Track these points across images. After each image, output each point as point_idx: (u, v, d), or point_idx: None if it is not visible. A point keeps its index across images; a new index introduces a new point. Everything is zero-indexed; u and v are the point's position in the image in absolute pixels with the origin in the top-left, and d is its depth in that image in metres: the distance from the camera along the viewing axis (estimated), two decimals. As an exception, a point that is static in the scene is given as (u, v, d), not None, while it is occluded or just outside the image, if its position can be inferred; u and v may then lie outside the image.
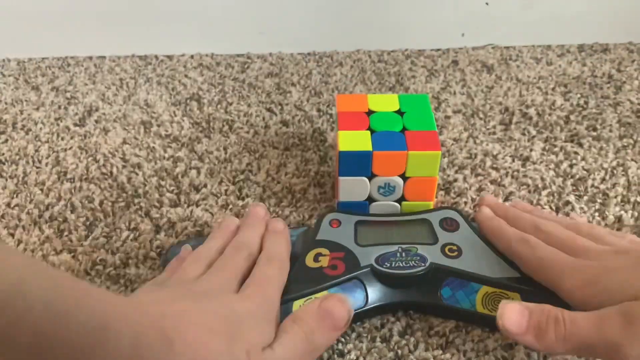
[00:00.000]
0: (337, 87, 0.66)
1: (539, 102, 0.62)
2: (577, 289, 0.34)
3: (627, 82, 0.66)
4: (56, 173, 0.54)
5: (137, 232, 0.48)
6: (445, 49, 0.73)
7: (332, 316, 0.34)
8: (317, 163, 0.55)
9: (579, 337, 0.32)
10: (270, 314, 0.34)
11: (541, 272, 0.37)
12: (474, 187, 0.51)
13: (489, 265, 0.40)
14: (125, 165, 0.55)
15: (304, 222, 0.48)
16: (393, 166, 0.45)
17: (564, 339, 0.32)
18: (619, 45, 0.73)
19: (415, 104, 0.49)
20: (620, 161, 0.54)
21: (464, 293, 0.39)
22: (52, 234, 0.48)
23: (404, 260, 0.40)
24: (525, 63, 0.70)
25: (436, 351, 0.38)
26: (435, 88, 0.66)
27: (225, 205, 0.50)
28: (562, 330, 0.32)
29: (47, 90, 0.66)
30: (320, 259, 0.40)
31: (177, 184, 0.52)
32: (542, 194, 0.50)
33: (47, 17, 0.70)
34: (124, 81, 0.68)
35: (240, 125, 0.60)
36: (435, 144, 0.44)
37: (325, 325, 0.34)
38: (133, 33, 0.72)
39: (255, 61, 0.71)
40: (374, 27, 0.72)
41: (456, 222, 0.43)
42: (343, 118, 0.47)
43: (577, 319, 0.33)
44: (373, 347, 0.39)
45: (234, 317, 0.32)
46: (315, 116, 0.61)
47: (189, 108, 0.63)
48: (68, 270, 0.44)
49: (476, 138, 0.57)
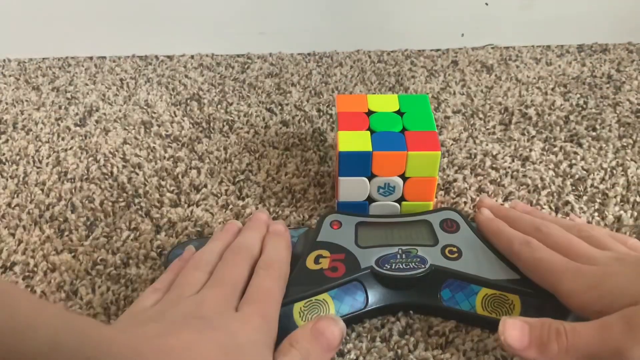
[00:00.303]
0: (337, 87, 0.66)
1: (538, 102, 0.63)
2: (577, 293, 0.35)
3: (627, 82, 0.66)
4: (57, 173, 0.54)
5: (137, 232, 0.48)
6: (445, 49, 0.73)
7: (325, 336, 0.35)
8: (317, 163, 0.55)
9: (582, 347, 0.32)
10: (269, 337, 0.35)
11: (541, 275, 0.37)
12: (474, 187, 0.51)
13: (489, 267, 0.40)
14: (125, 165, 0.55)
15: (303, 222, 0.48)
16: (393, 166, 0.45)
17: (567, 351, 0.32)
18: (618, 45, 0.73)
19: (415, 104, 0.49)
20: (620, 161, 0.54)
21: (464, 295, 0.39)
22: (53, 234, 0.48)
23: (404, 262, 0.40)
24: (524, 63, 0.70)
25: (436, 351, 0.38)
26: (435, 88, 0.66)
27: (225, 206, 0.50)
28: (565, 342, 0.32)
29: (48, 90, 0.66)
30: (320, 261, 0.40)
31: (177, 184, 0.52)
32: (542, 193, 0.50)
33: (48, 18, 0.70)
34: (125, 81, 0.68)
35: (241, 125, 0.60)
36: (435, 144, 0.45)
37: (320, 346, 0.35)
38: (133, 33, 0.72)
39: (255, 61, 0.71)
40: (373, 28, 0.72)
41: (456, 223, 0.43)
42: (343, 118, 0.47)
43: (578, 329, 0.32)
44: (373, 346, 0.39)
45: (235, 346, 0.33)
46: (315, 116, 0.61)
47: (189, 108, 0.63)
48: (68, 270, 0.45)
49: (476, 138, 0.57)
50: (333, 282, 0.39)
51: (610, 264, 0.35)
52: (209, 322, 0.34)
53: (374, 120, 0.47)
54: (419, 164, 0.44)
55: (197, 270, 0.38)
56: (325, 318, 0.36)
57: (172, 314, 0.34)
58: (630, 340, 0.30)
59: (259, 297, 0.37)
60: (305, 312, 0.38)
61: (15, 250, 0.46)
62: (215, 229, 0.47)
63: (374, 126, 0.46)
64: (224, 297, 0.36)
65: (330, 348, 0.35)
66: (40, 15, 0.70)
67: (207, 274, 0.38)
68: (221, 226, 0.46)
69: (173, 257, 0.43)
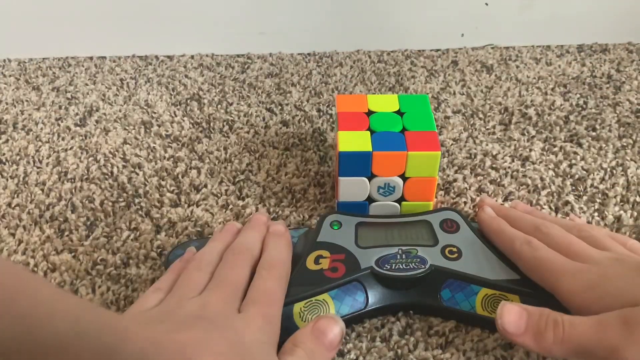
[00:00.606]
0: (337, 87, 0.66)
1: (538, 102, 0.63)
2: (576, 294, 0.35)
3: (627, 82, 0.66)
4: (57, 173, 0.54)
5: (137, 232, 0.48)
6: (444, 49, 0.73)
7: (326, 335, 0.35)
8: (317, 163, 0.55)
9: (578, 340, 0.32)
10: (273, 337, 0.35)
11: (540, 274, 0.37)
12: (474, 187, 0.51)
13: (489, 268, 0.40)
14: (125, 165, 0.55)
15: (303, 222, 0.48)
16: (393, 166, 0.45)
17: (562, 342, 0.32)
18: (618, 45, 0.73)
19: (415, 104, 0.49)
20: (620, 161, 0.54)
21: (464, 295, 0.39)
22: (53, 234, 0.48)
23: (404, 262, 0.40)
24: (524, 63, 0.70)
25: (436, 351, 0.38)
26: (435, 88, 0.66)
27: (225, 206, 0.50)
28: (561, 333, 0.32)
29: (48, 90, 0.66)
30: (320, 262, 0.40)
31: (177, 184, 0.52)
32: (542, 193, 0.50)
33: (48, 18, 0.70)
34: (125, 81, 0.68)
35: (241, 125, 0.60)
36: (435, 144, 0.45)
37: (322, 345, 0.35)
38: (133, 33, 0.72)
39: (255, 61, 0.71)
40: (373, 28, 0.72)
41: (456, 224, 0.43)
42: (343, 118, 0.47)
43: (576, 322, 0.33)
44: (373, 346, 0.39)
45: (242, 344, 0.33)
46: (315, 116, 0.61)
47: (189, 108, 0.63)
48: (69, 270, 0.45)
49: (476, 138, 0.57)
50: (333, 282, 0.39)
51: (610, 265, 0.35)
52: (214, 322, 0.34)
53: (374, 120, 0.47)
54: (419, 164, 0.44)
55: (199, 271, 0.38)
56: (324, 317, 0.36)
57: (176, 315, 0.34)
58: (626, 340, 0.30)
59: (261, 298, 0.37)
60: (306, 312, 0.38)
61: (15, 250, 0.46)
62: (215, 229, 0.48)
63: (374, 126, 0.46)
64: (226, 298, 0.36)
65: (332, 347, 0.35)
66: (40, 15, 0.70)
67: (208, 275, 0.38)
68: (221, 226, 0.46)
69: (173, 257, 0.43)
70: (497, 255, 0.41)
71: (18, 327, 0.25)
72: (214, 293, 0.36)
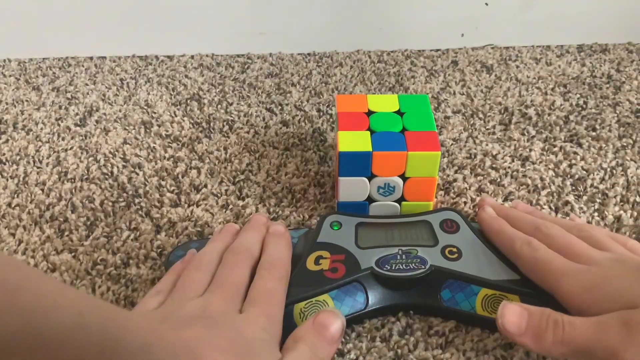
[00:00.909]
0: (337, 87, 0.66)
1: (538, 102, 0.63)
2: (576, 294, 0.35)
3: (627, 82, 0.66)
4: (57, 173, 0.54)
5: (137, 232, 0.48)
6: (444, 49, 0.73)
7: (327, 329, 0.35)
8: (317, 163, 0.55)
9: (577, 341, 0.32)
10: (275, 337, 0.35)
11: (540, 275, 0.37)
12: (474, 187, 0.51)
13: (489, 268, 0.40)
14: (125, 165, 0.55)
15: (303, 223, 0.48)
16: (393, 166, 0.45)
17: (562, 342, 0.32)
18: (618, 45, 0.73)
19: (415, 104, 0.49)
20: (620, 161, 0.54)
21: (464, 295, 0.39)
22: (53, 234, 0.48)
23: (404, 263, 0.40)
24: (524, 63, 0.70)
25: (436, 350, 0.38)
26: (434, 88, 0.66)
27: (225, 206, 0.50)
28: (561, 333, 0.32)
29: (48, 90, 0.66)
30: (321, 262, 0.40)
31: (177, 184, 0.52)
32: (542, 193, 0.50)
33: (48, 18, 0.70)
34: (125, 81, 0.68)
35: (241, 125, 0.60)
36: (434, 144, 0.45)
37: (324, 339, 0.35)
38: (133, 33, 0.72)
39: (255, 61, 0.71)
40: (373, 28, 0.72)
41: (456, 224, 0.43)
42: (343, 118, 0.47)
43: (576, 323, 0.33)
44: (373, 346, 0.39)
45: (244, 341, 0.33)
46: (315, 116, 0.61)
47: (189, 108, 0.63)
48: (69, 270, 0.45)
49: (476, 138, 0.57)
50: (333, 283, 0.39)
51: (610, 266, 0.35)
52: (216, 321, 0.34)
53: (374, 121, 0.47)
54: (419, 164, 0.44)
55: (199, 272, 0.39)
56: (325, 311, 0.36)
57: (177, 316, 0.35)
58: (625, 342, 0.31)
59: (262, 298, 0.37)
60: (306, 312, 0.38)
61: (15, 250, 0.46)
62: (214, 230, 0.48)
63: (374, 126, 0.46)
64: (227, 299, 0.36)
65: (333, 340, 0.35)
66: (40, 15, 0.70)
67: (209, 275, 0.38)
68: (220, 227, 0.46)
69: (174, 258, 0.43)
70: (497, 256, 0.41)
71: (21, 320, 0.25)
72: (215, 294, 0.36)
